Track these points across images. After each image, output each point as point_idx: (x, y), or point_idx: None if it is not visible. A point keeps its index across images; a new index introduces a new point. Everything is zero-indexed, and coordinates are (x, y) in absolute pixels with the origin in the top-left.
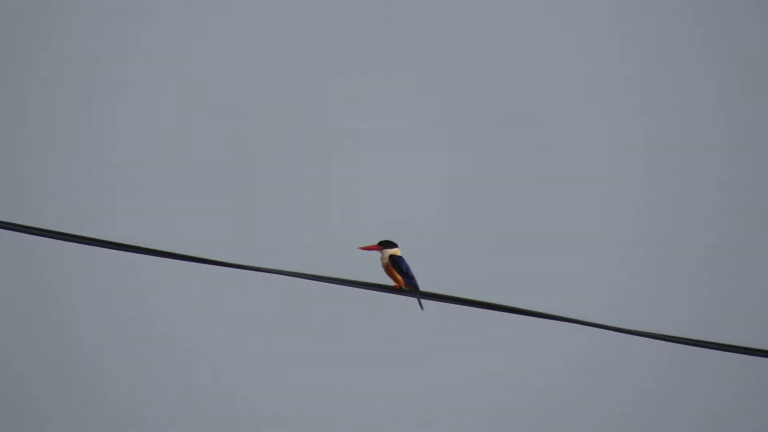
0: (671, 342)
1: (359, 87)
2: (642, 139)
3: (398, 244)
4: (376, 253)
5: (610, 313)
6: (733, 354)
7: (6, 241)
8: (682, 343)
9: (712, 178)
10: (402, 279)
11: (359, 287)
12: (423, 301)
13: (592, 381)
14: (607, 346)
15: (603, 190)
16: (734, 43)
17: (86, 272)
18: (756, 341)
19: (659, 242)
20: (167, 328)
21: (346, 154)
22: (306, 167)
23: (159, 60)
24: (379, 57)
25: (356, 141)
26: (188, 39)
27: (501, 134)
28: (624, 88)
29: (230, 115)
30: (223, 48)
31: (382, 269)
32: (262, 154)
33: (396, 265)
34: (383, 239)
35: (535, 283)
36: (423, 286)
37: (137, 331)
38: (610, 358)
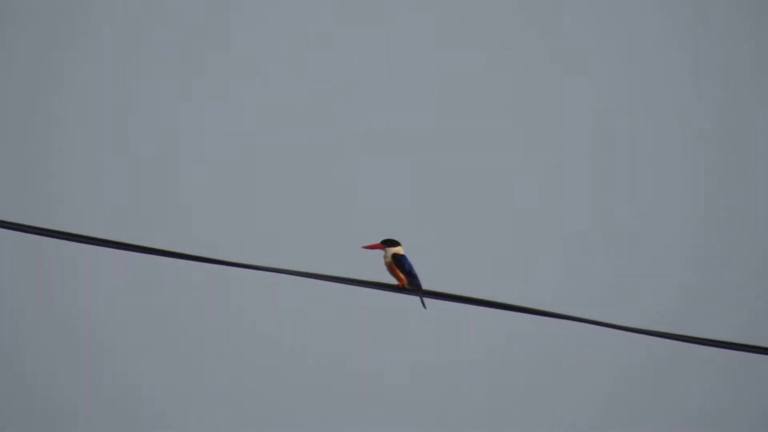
0: (657, 337)
1: (359, 90)
2: (619, 135)
3: (401, 243)
4: (379, 252)
5: (594, 309)
6: (713, 348)
7: (38, 242)
8: (667, 337)
9: (690, 175)
10: (405, 278)
11: (362, 286)
12: (426, 299)
13: (575, 374)
14: (591, 341)
15: (587, 186)
16: (713, 43)
17: (103, 271)
18: (736, 336)
19: (640, 237)
20: (183, 328)
21: (348, 152)
22: (309, 166)
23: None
24: (380, 59)
25: (359, 140)
26: (198, 34)
27: (497, 135)
28: (608, 87)
29: (231, 115)
30: (228, 52)
31: (385, 268)
32: (266, 153)
33: (399, 263)
34: (386, 238)
35: (525, 280)
36: (425, 285)
37: (155, 330)
38: (592, 352)
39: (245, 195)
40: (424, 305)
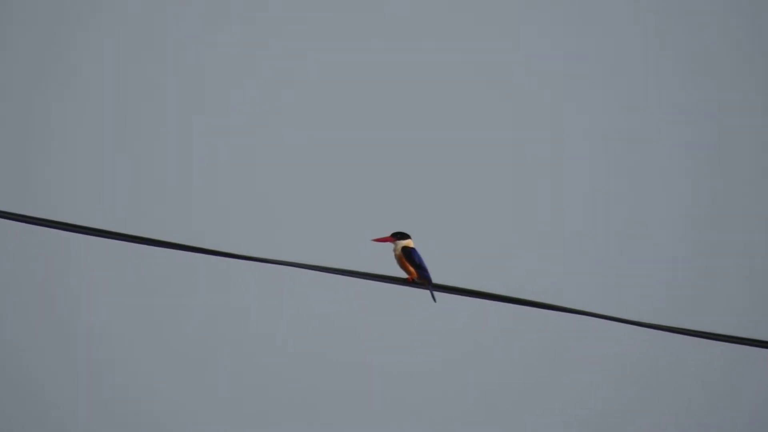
0: (657, 330)
1: (364, 89)
2: (617, 136)
3: (411, 236)
4: (390, 245)
5: (593, 306)
6: (710, 343)
7: (38, 238)
8: (666, 330)
9: (687, 173)
10: (415, 271)
11: (371, 279)
12: (436, 293)
13: (573, 367)
14: (591, 337)
15: (586, 186)
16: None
17: (105, 270)
18: (733, 331)
19: (639, 236)
20: (192, 328)
21: (357, 148)
22: (319, 160)
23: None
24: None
25: (366, 138)
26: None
27: (497, 136)
28: (597, 87)
29: (236, 111)
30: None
31: (395, 261)
32: (276, 148)
33: (409, 256)
34: (396, 231)
35: (525, 277)
36: (436, 279)
37: (163, 332)
38: (595, 346)
39: (254, 189)
40: (434, 299)
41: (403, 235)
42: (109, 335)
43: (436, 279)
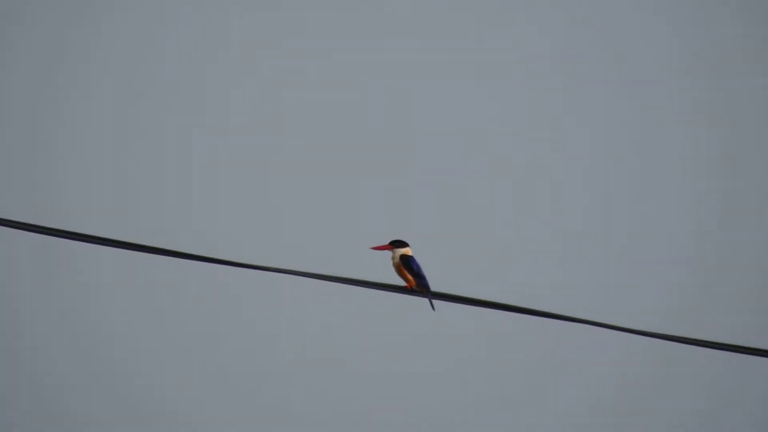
0: (655, 338)
1: (363, 93)
2: (618, 136)
3: (409, 244)
4: (388, 253)
5: (593, 310)
6: (709, 350)
7: (48, 243)
8: (665, 339)
9: (689, 175)
10: (413, 279)
11: (370, 287)
12: (434, 301)
13: (574, 374)
14: (591, 342)
15: (586, 187)
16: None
17: (111, 272)
18: (734, 337)
19: (639, 238)
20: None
21: (357, 153)
22: (317, 167)
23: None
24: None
25: (366, 141)
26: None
27: (496, 136)
28: (605, 90)
29: (233, 116)
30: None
31: (393, 269)
32: (275, 154)
33: (407, 265)
34: (395, 239)
35: (525, 281)
36: (434, 287)
37: (164, 331)
38: (594, 353)
39: (254, 196)
40: (432, 307)
41: (401, 243)
42: (111, 336)
43: (437, 284)
